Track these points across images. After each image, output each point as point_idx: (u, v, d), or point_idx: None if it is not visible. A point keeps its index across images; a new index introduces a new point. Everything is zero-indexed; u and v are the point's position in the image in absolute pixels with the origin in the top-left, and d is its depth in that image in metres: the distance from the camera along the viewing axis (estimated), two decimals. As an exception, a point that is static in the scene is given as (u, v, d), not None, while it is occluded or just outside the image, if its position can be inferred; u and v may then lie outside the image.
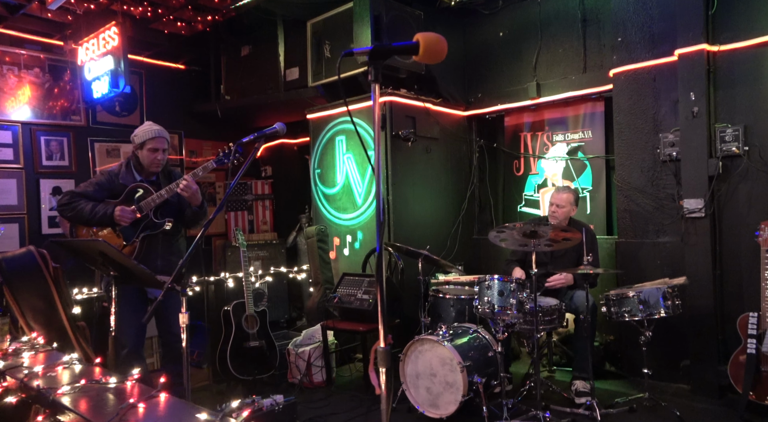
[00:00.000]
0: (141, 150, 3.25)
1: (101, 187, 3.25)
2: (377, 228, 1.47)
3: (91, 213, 3.11)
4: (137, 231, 3.21)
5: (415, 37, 1.35)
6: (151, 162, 3.24)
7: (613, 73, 4.25)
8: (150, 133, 3.23)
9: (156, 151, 3.23)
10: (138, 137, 3.25)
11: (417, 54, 1.34)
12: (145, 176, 3.31)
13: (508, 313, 3.23)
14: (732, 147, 3.66)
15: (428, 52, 1.33)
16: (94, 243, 2.05)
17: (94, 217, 3.11)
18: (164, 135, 3.30)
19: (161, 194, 3.19)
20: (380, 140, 4.58)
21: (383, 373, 1.35)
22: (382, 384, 1.35)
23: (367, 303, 3.94)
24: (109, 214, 3.11)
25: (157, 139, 3.24)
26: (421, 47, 1.33)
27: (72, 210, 3.13)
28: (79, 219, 3.15)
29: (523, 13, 5.09)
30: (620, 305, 3.36)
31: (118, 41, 4.62)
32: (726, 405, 3.53)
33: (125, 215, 3.12)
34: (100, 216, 3.11)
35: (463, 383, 3.11)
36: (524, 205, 5.31)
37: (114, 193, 3.25)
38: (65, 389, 1.36)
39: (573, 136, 4.97)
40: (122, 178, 3.26)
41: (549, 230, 3.08)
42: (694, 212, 3.71)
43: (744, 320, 3.42)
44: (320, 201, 5.23)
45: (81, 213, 3.11)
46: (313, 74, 5.22)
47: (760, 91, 3.61)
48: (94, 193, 3.22)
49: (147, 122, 3.36)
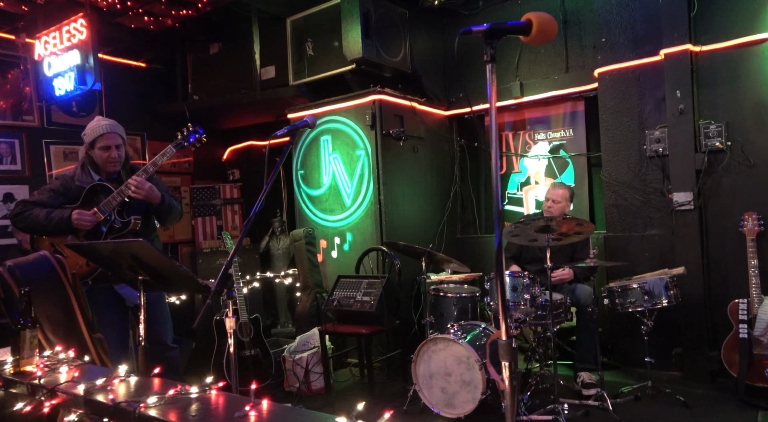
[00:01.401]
0: (93, 149, 2.96)
1: (56, 193, 2.96)
2: (495, 222, 1.41)
3: (46, 220, 2.83)
4: (102, 235, 2.95)
5: (526, 17, 1.30)
6: (105, 161, 2.95)
7: (599, 73, 4.37)
8: (99, 129, 2.94)
9: (108, 148, 2.94)
10: (87, 135, 2.95)
11: (529, 34, 1.29)
12: (105, 176, 3.03)
13: (521, 308, 3.23)
14: (716, 142, 3.84)
15: (540, 32, 1.29)
16: (130, 244, 1.86)
17: (49, 224, 2.83)
18: (115, 129, 3.00)
19: (121, 190, 2.91)
20: (377, 138, 4.53)
21: (506, 367, 1.28)
22: (506, 379, 1.28)
23: (369, 304, 3.85)
24: (65, 219, 2.83)
25: (107, 135, 2.94)
26: (534, 27, 1.28)
27: (24, 220, 2.85)
28: (34, 228, 2.87)
29: (504, 14, 5.16)
30: (625, 296, 3.44)
31: (86, 34, 4.31)
32: (719, 389, 3.68)
33: (84, 218, 2.85)
34: (56, 223, 2.83)
35: (482, 381, 3.08)
36: (508, 203, 5.37)
37: (71, 197, 2.98)
38: (152, 401, 1.20)
39: (555, 134, 5.08)
40: (78, 181, 2.98)
41: (562, 224, 3.10)
42: (684, 205, 3.86)
43: (734, 307, 3.59)
44: (304, 202, 5.07)
45: (35, 222, 2.83)
46: (294, 73, 5.07)
47: (740, 90, 3.82)
48: (48, 200, 2.93)
49: (96, 117, 3.06)
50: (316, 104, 4.94)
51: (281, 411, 1.16)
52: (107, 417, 1.23)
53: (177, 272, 1.82)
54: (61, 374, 1.56)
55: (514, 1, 5.10)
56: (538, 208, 5.16)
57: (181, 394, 1.29)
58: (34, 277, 1.84)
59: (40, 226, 2.83)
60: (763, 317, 3.49)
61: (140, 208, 3.04)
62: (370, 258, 4.45)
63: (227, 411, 1.17)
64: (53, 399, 1.40)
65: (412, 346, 4.44)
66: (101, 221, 2.92)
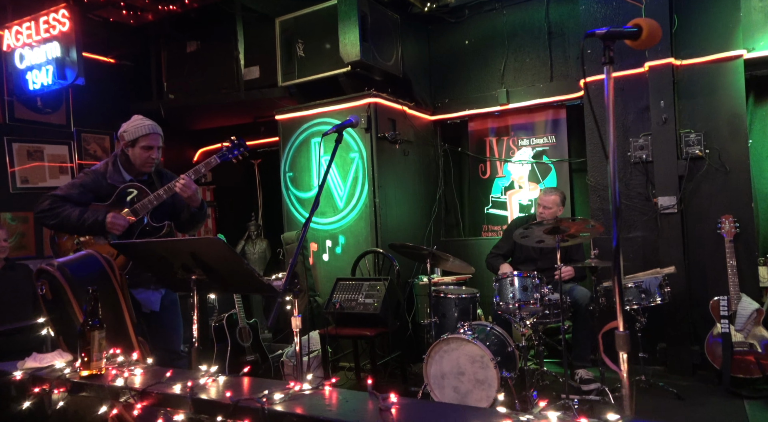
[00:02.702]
0: (133, 147, 2.85)
1: (86, 188, 2.82)
2: (614, 220, 1.46)
3: (79, 222, 2.69)
4: (133, 236, 2.84)
5: (635, 23, 1.37)
6: (144, 161, 2.87)
7: (585, 83, 4.58)
8: (144, 128, 2.85)
9: (150, 148, 2.86)
10: (129, 133, 2.85)
11: (637, 39, 1.36)
12: (135, 176, 2.93)
13: (531, 307, 3.33)
14: (696, 150, 4.12)
15: (649, 37, 1.36)
16: (198, 242, 1.78)
17: (82, 226, 2.70)
18: (159, 131, 2.94)
19: (159, 195, 2.84)
20: (372, 141, 4.54)
21: (624, 360, 1.33)
22: (624, 370, 1.33)
23: (372, 307, 3.84)
24: (100, 222, 2.71)
25: (151, 136, 2.86)
26: (644, 32, 1.36)
27: (56, 217, 2.69)
28: (64, 227, 2.72)
29: (489, 23, 5.32)
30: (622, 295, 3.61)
31: (68, 26, 4.08)
32: (702, 381, 3.93)
33: (118, 222, 2.74)
34: (89, 224, 2.70)
35: (497, 379, 3.14)
36: (491, 207, 5.51)
37: (101, 195, 2.84)
38: (277, 397, 1.16)
39: (537, 140, 5.27)
40: (110, 179, 2.86)
41: (572, 225, 3.23)
42: (668, 208, 4.11)
43: (715, 303, 3.84)
44: (293, 205, 5.00)
45: (67, 222, 2.69)
46: (283, 74, 5.00)
47: (716, 102, 4.11)
48: (79, 197, 2.79)
49: (136, 116, 2.96)
50: (307, 106, 4.90)
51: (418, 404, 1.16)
52: (225, 417, 1.18)
53: (242, 271, 1.77)
54: (136, 375, 1.48)
55: (499, 11, 5.27)
56: (522, 211, 5.33)
57: (296, 391, 1.26)
58: (84, 277, 1.73)
59: (72, 227, 2.68)
60: (742, 313, 3.76)
61: (167, 213, 2.96)
62: (367, 260, 4.44)
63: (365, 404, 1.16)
64: (143, 401, 1.33)
65: (409, 348, 4.49)
66: (133, 223, 2.81)
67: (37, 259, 5.17)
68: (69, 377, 1.54)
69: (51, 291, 1.74)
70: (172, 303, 2.90)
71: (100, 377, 1.53)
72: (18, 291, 4.13)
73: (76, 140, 5.67)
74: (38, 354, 1.72)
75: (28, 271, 4.36)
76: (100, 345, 1.58)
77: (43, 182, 5.41)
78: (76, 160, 5.66)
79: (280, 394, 1.19)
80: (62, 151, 5.63)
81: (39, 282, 1.77)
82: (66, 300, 1.71)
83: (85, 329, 1.56)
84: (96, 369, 1.55)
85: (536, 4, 5.09)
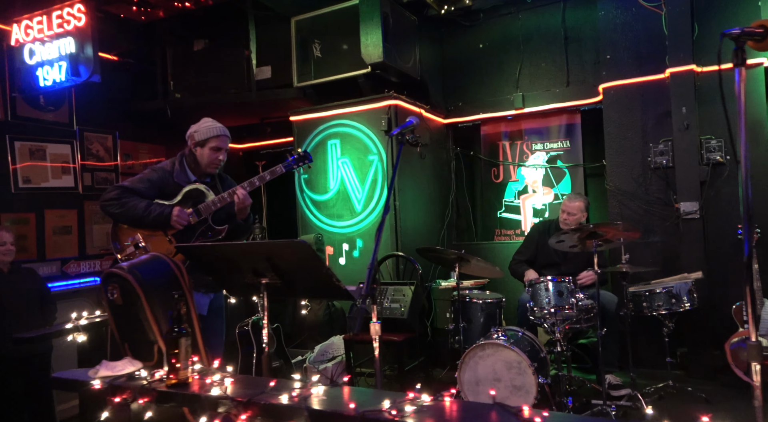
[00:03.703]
0: (202, 148, 2.88)
1: (153, 184, 2.84)
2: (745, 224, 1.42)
3: (145, 213, 2.70)
4: (194, 237, 2.81)
5: (759, 23, 1.34)
6: (211, 162, 2.89)
7: (603, 88, 4.60)
8: (214, 130, 2.89)
9: (219, 150, 2.90)
10: (200, 134, 2.88)
11: (762, 40, 1.34)
12: (199, 176, 2.94)
13: (566, 312, 3.31)
14: (716, 156, 4.16)
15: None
16: (281, 245, 1.69)
17: (147, 217, 2.70)
18: (228, 134, 2.98)
19: (223, 197, 2.85)
20: (393, 143, 4.48)
21: (756, 372, 1.30)
22: (756, 381, 1.30)
23: (399, 311, 3.78)
24: (165, 215, 2.72)
25: (221, 138, 2.91)
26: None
27: (122, 206, 2.71)
28: (127, 217, 2.72)
29: (504, 27, 5.32)
30: (652, 300, 3.62)
31: (84, 21, 3.94)
32: (724, 386, 3.95)
33: (183, 217, 2.76)
34: (154, 217, 2.71)
35: (535, 385, 3.11)
36: (504, 211, 5.50)
37: (166, 193, 2.85)
38: (408, 409, 1.09)
39: (552, 145, 5.28)
40: (177, 177, 2.88)
41: (608, 229, 3.22)
42: (691, 214, 4.14)
43: (739, 308, 3.87)
44: (308, 208, 4.91)
45: (133, 211, 2.70)
46: (298, 75, 4.92)
47: (737, 109, 4.15)
48: (146, 191, 2.81)
49: (206, 118, 2.99)
50: (324, 107, 4.82)
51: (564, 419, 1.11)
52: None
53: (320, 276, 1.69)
54: (230, 385, 1.39)
55: (514, 15, 5.27)
56: (536, 216, 5.33)
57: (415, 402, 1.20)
58: (158, 281, 1.63)
59: (137, 218, 2.68)
60: (765, 317, 3.79)
61: (223, 217, 2.91)
62: (387, 264, 4.38)
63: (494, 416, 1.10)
64: (247, 412, 1.25)
65: (429, 353, 4.43)
66: (194, 223, 2.79)
67: (38, 262, 4.99)
68: (154, 386, 1.44)
69: (122, 296, 1.64)
70: (219, 308, 2.89)
71: (186, 386, 1.44)
72: (25, 295, 3.97)
73: (78, 139, 5.49)
74: (109, 362, 1.61)
75: (34, 275, 4.20)
76: (187, 352, 1.49)
77: (45, 182, 5.22)
78: (78, 160, 5.47)
79: (411, 406, 1.12)
80: (65, 150, 5.44)
81: (109, 286, 1.66)
82: (139, 306, 1.61)
83: (173, 336, 1.47)
84: (183, 377, 1.46)
85: (552, 9, 5.11)
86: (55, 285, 4.95)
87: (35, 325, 3.96)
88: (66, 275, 5.31)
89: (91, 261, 5.58)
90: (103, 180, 5.75)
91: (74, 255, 5.41)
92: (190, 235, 2.80)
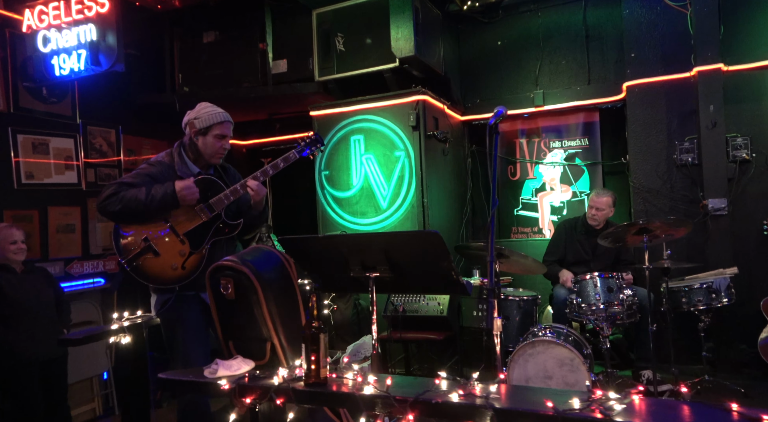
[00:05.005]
0: (204, 136, 2.62)
1: (154, 179, 2.57)
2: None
3: (148, 198, 2.44)
4: (208, 235, 2.59)
5: None
6: (215, 151, 2.65)
7: (627, 86, 4.63)
8: (217, 116, 2.64)
9: (223, 137, 2.66)
10: (201, 120, 2.61)
11: None
12: (201, 168, 2.69)
13: (615, 309, 3.29)
14: (742, 153, 4.23)
15: None
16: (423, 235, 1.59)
17: (151, 203, 2.43)
18: (231, 119, 2.73)
19: (236, 189, 2.62)
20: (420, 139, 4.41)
21: None
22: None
23: (438, 310, 3.71)
24: (170, 193, 2.45)
25: (225, 124, 2.67)
26: None
27: (120, 200, 2.44)
28: (130, 210, 2.45)
29: (523, 24, 5.31)
30: (692, 296, 3.64)
31: (108, 7, 3.75)
32: (754, 379, 4.01)
33: (190, 188, 2.48)
34: (159, 199, 2.44)
35: (589, 382, 3.08)
36: (521, 209, 5.49)
37: None
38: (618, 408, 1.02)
39: (570, 143, 5.30)
40: (179, 170, 2.62)
41: (659, 226, 3.22)
42: (719, 210, 4.19)
43: (767, 303, 3.94)
44: (329, 205, 4.80)
45: (134, 202, 2.44)
46: (320, 69, 4.80)
47: (763, 107, 4.24)
48: (146, 186, 2.54)
49: (204, 103, 2.72)
50: (347, 102, 4.72)
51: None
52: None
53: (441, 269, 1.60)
54: (369, 383, 1.30)
55: (534, 13, 5.27)
56: (554, 213, 5.33)
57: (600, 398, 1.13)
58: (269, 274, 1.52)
59: (141, 207, 2.41)
60: (795, 311, 3.86)
61: (234, 210, 2.72)
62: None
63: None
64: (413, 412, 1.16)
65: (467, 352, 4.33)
66: (208, 220, 2.57)
67: (42, 262, 4.73)
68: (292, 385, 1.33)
69: (236, 291, 1.52)
70: None
71: (323, 385, 1.33)
72: (41, 296, 3.76)
73: (81, 133, 5.25)
74: (224, 361, 1.49)
75: (48, 275, 3.99)
76: (326, 349, 1.39)
77: (48, 178, 4.96)
78: (82, 156, 5.22)
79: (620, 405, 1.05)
80: (68, 145, 5.19)
81: (222, 280, 1.54)
82: (254, 301, 1.49)
83: (312, 331, 1.36)
84: (323, 376, 1.35)
85: (573, 7, 5.12)
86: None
87: (52, 327, 3.76)
88: (69, 276, 5.06)
89: (94, 262, 5.34)
90: (106, 176, 5.50)
91: (77, 254, 5.16)
92: (204, 234, 2.57)
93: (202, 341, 2.61)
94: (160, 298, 2.61)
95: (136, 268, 2.42)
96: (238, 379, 1.42)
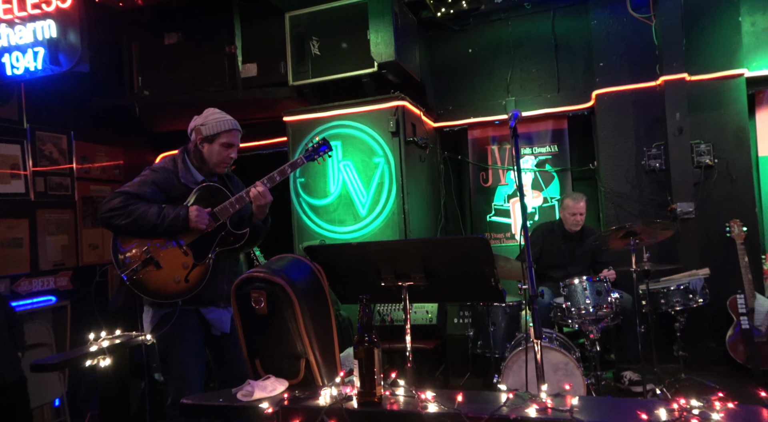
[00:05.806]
0: (210, 144, 2.52)
1: (159, 187, 2.45)
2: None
3: (159, 219, 2.32)
4: (212, 245, 2.47)
5: None
6: (222, 160, 2.54)
7: (596, 94, 4.77)
8: (225, 123, 2.53)
9: (230, 146, 2.56)
10: (208, 127, 2.50)
11: None
12: (205, 176, 2.58)
13: (604, 311, 3.34)
14: (706, 159, 4.43)
15: None
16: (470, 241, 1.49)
17: (162, 224, 2.32)
18: (239, 127, 2.64)
19: (242, 197, 2.52)
20: (400, 146, 4.35)
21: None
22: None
23: (427, 318, 3.65)
24: (183, 216, 2.35)
25: (233, 132, 2.57)
26: None
27: (129, 215, 2.30)
28: (138, 227, 2.32)
29: (494, 32, 5.37)
30: (670, 297, 3.75)
31: (70, 2, 3.49)
32: (723, 375, 4.17)
33: (203, 217, 2.40)
34: (170, 221, 2.33)
35: (584, 386, 3.10)
36: (494, 215, 5.53)
37: (172, 196, 2.48)
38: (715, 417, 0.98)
39: (540, 149, 5.39)
40: (183, 178, 2.50)
41: (647, 229, 3.29)
42: (687, 213, 4.36)
43: (733, 301, 4.12)
44: (305, 213, 4.65)
45: (145, 219, 2.31)
46: (294, 73, 4.66)
47: (723, 115, 4.46)
48: (151, 196, 2.41)
49: (212, 109, 2.61)
50: (323, 107, 4.60)
51: None
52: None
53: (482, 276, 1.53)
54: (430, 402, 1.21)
55: (504, 21, 5.35)
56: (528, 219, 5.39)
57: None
58: (303, 285, 1.39)
59: (150, 226, 2.28)
60: (760, 309, 4.06)
61: (236, 220, 2.59)
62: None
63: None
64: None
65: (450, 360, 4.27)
66: (212, 230, 2.45)
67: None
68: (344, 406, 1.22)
69: (269, 305, 1.38)
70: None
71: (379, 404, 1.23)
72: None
73: (29, 139, 4.86)
74: (258, 382, 1.35)
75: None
76: (380, 365, 1.28)
77: (-9, 189, 4.56)
78: (30, 164, 4.83)
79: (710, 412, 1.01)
80: (14, 151, 4.78)
81: (254, 293, 1.39)
82: (290, 315, 1.37)
83: (365, 345, 1.25)
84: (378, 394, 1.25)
85: (542, 17, 5.23)
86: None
87: (6, 351, 3.43)
88: (16, 294, 4.64)
89: (44, 278, 4.94)
90: (57, 185, 5.13)
91: (25, 271, 4.76)
92: (209, 244, 2.46)
93: (199, 359, 2.47)
94: (158, 313, 2.43)
95: (136, 282, 2.25)
96: (279, 401, 1.29)
